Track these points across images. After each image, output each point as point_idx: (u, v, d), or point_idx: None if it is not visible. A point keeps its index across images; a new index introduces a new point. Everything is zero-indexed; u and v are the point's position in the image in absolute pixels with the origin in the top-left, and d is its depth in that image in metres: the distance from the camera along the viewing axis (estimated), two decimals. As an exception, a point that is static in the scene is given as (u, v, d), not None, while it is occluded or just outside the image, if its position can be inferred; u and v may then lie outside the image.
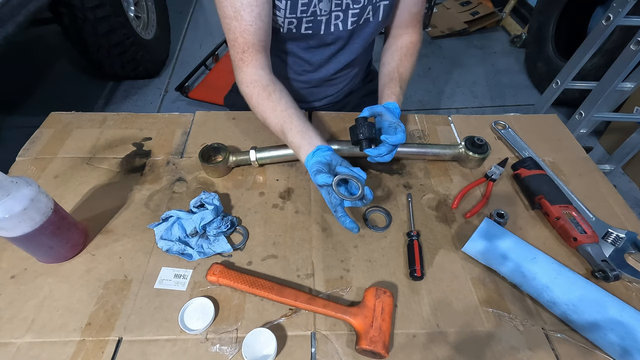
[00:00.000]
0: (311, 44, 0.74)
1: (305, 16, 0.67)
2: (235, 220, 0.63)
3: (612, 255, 0.59)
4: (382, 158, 0.63)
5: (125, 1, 1.92)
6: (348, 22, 0.70)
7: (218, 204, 0.61)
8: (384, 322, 0.49)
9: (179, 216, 0.59)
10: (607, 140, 1.86)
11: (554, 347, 0.51)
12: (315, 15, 0.67)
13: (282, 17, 0.66)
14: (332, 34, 0.71)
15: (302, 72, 0.82)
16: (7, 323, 0.50)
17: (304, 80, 0.84)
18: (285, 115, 0.61)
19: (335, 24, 0.70)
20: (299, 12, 0.66)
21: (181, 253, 0.57)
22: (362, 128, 0.61)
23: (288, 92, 0.65)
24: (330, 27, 0.70)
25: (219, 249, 0.58)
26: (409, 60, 0.74)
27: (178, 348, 0.49)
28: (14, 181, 0.47)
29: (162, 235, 0.58)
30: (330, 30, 0.71)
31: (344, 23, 0.70)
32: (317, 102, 0.92)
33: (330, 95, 0.90)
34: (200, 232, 0.58)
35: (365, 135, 0.61)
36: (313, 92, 0.88)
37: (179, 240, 0.58)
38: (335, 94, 0.90)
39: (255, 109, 0.65)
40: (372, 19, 0.71)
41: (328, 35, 0.72)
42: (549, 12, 2.10)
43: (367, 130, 0.61)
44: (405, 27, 0.76)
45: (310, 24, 0.69)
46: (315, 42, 0.73)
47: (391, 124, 0.62)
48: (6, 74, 2.15)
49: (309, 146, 0.57)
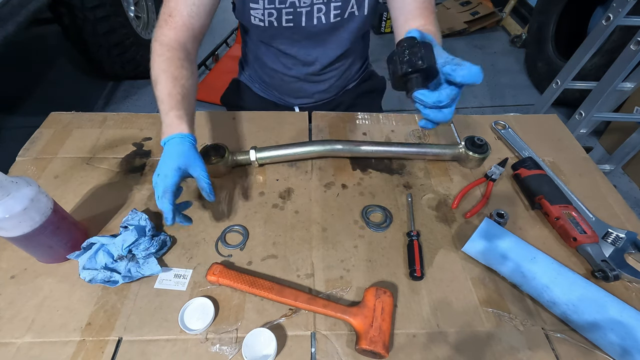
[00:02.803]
0: (295, 38, 0.74)
1: (284, 7, 0.67)
2: (169, 239, 0.59)
3: (612, 255, 0.59)
4: (440, 113, 0.44)
5: (125, 1, 1.92)
6: (331, 15, 0.69)
7: (145, 223, 0.57)
8: (384, 322, 0.49)
9: (102, 242, 0.55)
10: (607, 140, 1.86)
11: (554, 347, 0.51)
12: (294, 6, 0.67)
13: (262, 8, 0.66)
14: (315, 27, 0.71)
15: (290, 66, 0.82)
16: (7, 323, 0.50)
17: (293, 75, 0.84)
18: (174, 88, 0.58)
19: (318, 16, 0.70)
20: (278, 3, 0.66)
21: (106, 281, 0.53)
22: (416, 53, 0.38)
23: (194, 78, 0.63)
24: (313, 20, 0.70)
25: (147, 271, 0.54)
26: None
27: (178, 348, 0.49)
28: (14, 181, 0.47)
29: (84, 265, 0.53)
30: (313, 23, 0.71)
31: (327, 16, 0.70)
32: (309, 99, 0.92)
33: (322, 92, 0.90)
34: (127, 256, 0.54)
35: (417, 65, 0.38)
36: (303, 87, 0.88)
37: (105, 267, 0.53)
38: (326, 90, 0.90)
39: (154, 65, 0.61)
40: (358, 13, 0.71)
41: (311, 28, 0.72)
42: (549, 12, 2.10)
43: (425, 55, 0.38)
44: (414, 18, 0.66)
45: (291, 17, 0.69)
46: (299, 35, 0.73)
47: (448, 59, 0.42)
48: (6, 74, 2.15)
49: (171, 129, 0.56)
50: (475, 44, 2.66)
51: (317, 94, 0.91)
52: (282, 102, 0.96)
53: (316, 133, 0.82)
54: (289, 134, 0.81)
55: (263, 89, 0.96)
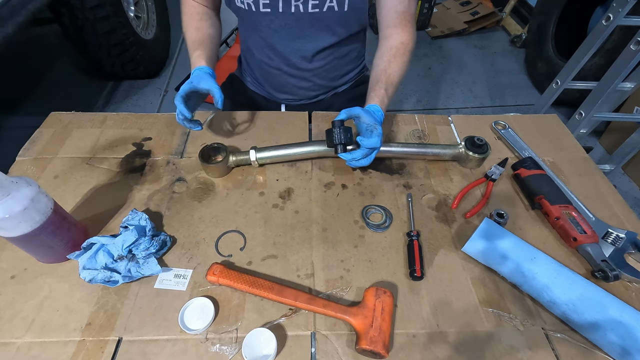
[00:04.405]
0: (273, 27, 0.76)
1: None
2: (169, 239, 0.60)
3: (612, 255, 0.59)
4: (358, 162, 0.63)
5: (125, 1, 1.92)
6: (309, 4, 0.71)
7: (145, 223, 0.57)
8: (384, 322, 0.49)
9: (102, 242, 0.55)
10: (607, 140, 1.86)
11: (554, 347, 0.51)
12: None
13: None
14: (293, 14, 0.73)
15: (272, 57, 0.84)
16: (7, 323, 0.50)
17: (276, 67, 0.86)
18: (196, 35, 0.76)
19: (296, 5, 0.71)
20: None
21: (106, 281, 0.53)
22: (337, 132, 0.61)
23: (214, 28, 0.80)
24: (291, 7, 0.72)
25: (147, 271, 0.55)
26: (398, 62, 0.72)
27: (178, 348, 0.49)
28: (14, 181, 0.47)
29: (84, 265, 0.53)
30: (291, 10, 0.72)
31: (305, 5, 0.71)
32: (293, 95, 0.93)
33: (305, 89, 0.91)
34: (127, 256, 0.54)
35: (339, 140, 0.61)
36: (288, 81, 0.89)
37: (105, 267, 0.54)
38: (309, 88, 0.90)
39: (184, 20, 0.79)
40: (337, 9, 0.72)
41: (288, 16, 0.73)
42: (549, 12, 2.10)
43: (342, 134, 0.61)
44: (394, 27, 0.74)
45: (268, 1, 0.71)
46: (277, 23, 0.75)
47: (368, 127, 0.62)
48: (6, 74, 2.15)
49: (194, 65, 0.73)
50: (475, 44, 2.66)
51: (301, 91, 0.91)
52: (271, 97, 0.96)
53: (316, 133, 0.82)
54: (289, 134, 0.81)
55: (254, 83, 0.97)
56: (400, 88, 1.52)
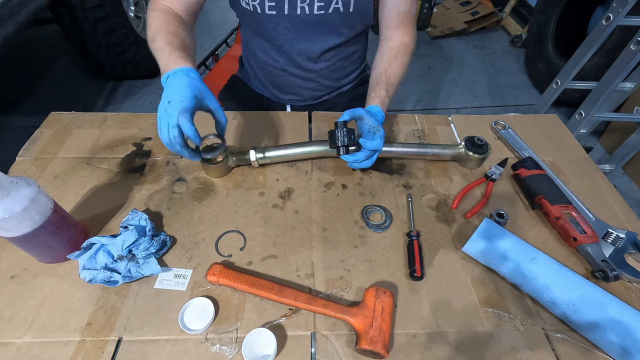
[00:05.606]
0: (279, 29, 0.75)
1: None
2: (169, 239, 0.59)
3: (612, 255, 0.59)
4: (360, 164, 0.64)
5: (125, 1, 1.92)
6: (314, 6, 0.71)
7: (145, 223, 0.57)
8: (384, 322, 0.49)
9: (102, 242, 0.55)
10: (607, 140, 1.86)
11: (554, 347, 0.51)
12: None
13: None
14: (299, 17, 0.72)
15: (277, 59, 0.84)
16: (7, 323, 0.50)
17: (281, 68, 0.85)
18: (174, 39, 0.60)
19: (302, 6, 0.71)
20: None
21: (106, 281, 0.53)
22: (340, 134, 0.61)
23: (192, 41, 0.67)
24: (297, 9, 0.71)
25: (147, 271, 0.54)
26: (399, 63, 0.73)
27: (178, 348, 0.49)
28: (14, 181, 0.47)
29: (84, 265, 0.53)
30: (297, 12, 0.72)
31: (310, 7, 0.71)
32: (298, 96, 0.93)
33: (310, 89, 0.91)
34: (127, 256, 0.54)
35: (342, 142, 0.61)
36: (293, 82, 0.88)
37: (105, 267, 0.53)
38: (314, 88, 0.90)
39: (150, 26, 0.64)
40: (343, 10, 0.72)
41: (294, 18, 0.73)
42: (549, 12, 2.10)
43: (345, 136, 0.61)
44: (395, 27, 0.75)
45: (274, 3, 0.70)
46: (282, 25, 0.75)
47: (371, 128, 0.62)
48: (6, 74, 2.15)
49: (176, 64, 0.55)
50: (475, 44, 2.66)
51: (306, 92, 0.91)
52: (275, 98, 0.96)
53: (316, 133, 0.82)
54: (289, 134, 0.81)
55: (258, 85, 0.97)
56: (401, 88, 1.52)
